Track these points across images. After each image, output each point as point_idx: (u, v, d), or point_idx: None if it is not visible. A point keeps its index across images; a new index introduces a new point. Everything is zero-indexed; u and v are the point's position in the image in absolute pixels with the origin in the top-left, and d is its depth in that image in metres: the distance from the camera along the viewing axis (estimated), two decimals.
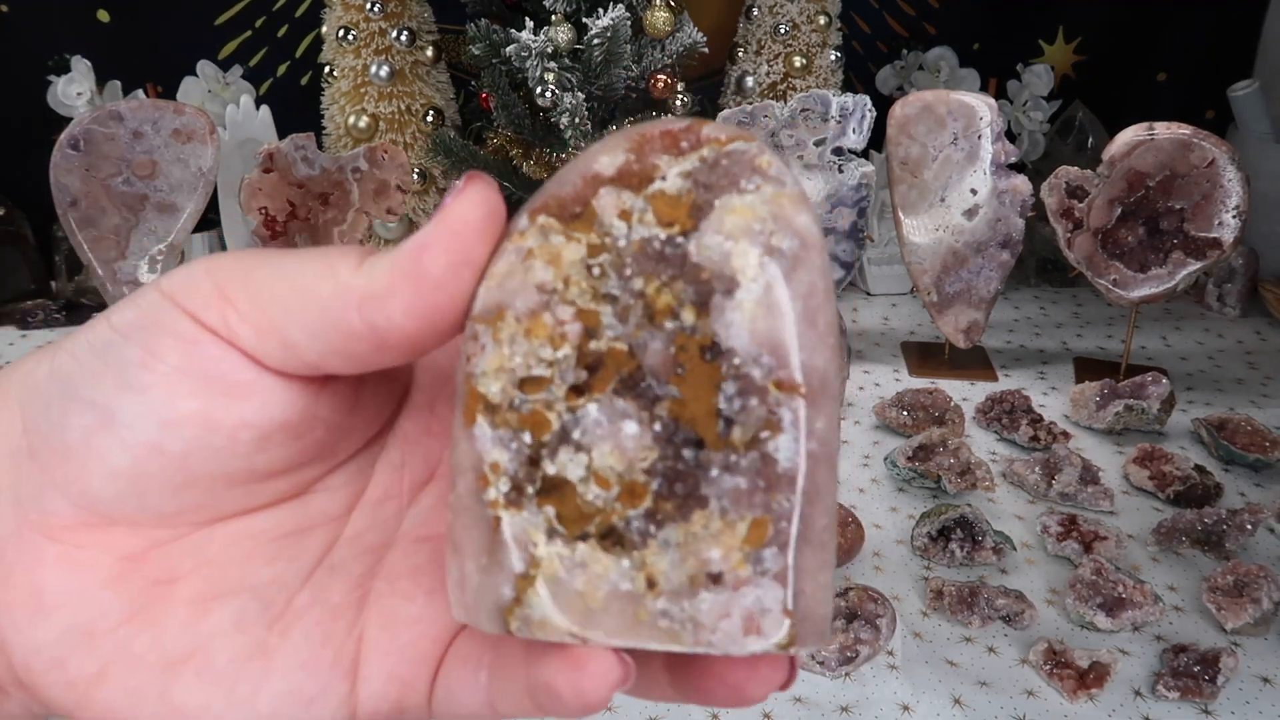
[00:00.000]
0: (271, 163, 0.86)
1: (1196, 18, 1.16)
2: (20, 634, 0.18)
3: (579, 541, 0.17)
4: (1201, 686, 0.55)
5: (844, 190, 0.90)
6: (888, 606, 0.60)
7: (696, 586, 0.17)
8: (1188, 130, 0.81)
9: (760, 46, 1.03)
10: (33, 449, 0.18)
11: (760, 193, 0.18)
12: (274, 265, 0.18)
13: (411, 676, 0.20)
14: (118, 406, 0.17)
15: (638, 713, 0.55)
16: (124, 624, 0.18)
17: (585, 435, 0.18)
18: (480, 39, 0.92)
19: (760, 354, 0.17)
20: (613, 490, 0.18)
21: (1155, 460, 0.76)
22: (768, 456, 0.17)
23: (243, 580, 0.19)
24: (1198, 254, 0.83)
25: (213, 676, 0.18)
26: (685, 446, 0.17)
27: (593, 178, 0.18)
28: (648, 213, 0.18)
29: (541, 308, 0.18)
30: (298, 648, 0.19)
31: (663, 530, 0.17)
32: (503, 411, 0.18)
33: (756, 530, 0.17)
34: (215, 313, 0.17)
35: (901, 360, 0.98)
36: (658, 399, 0.18)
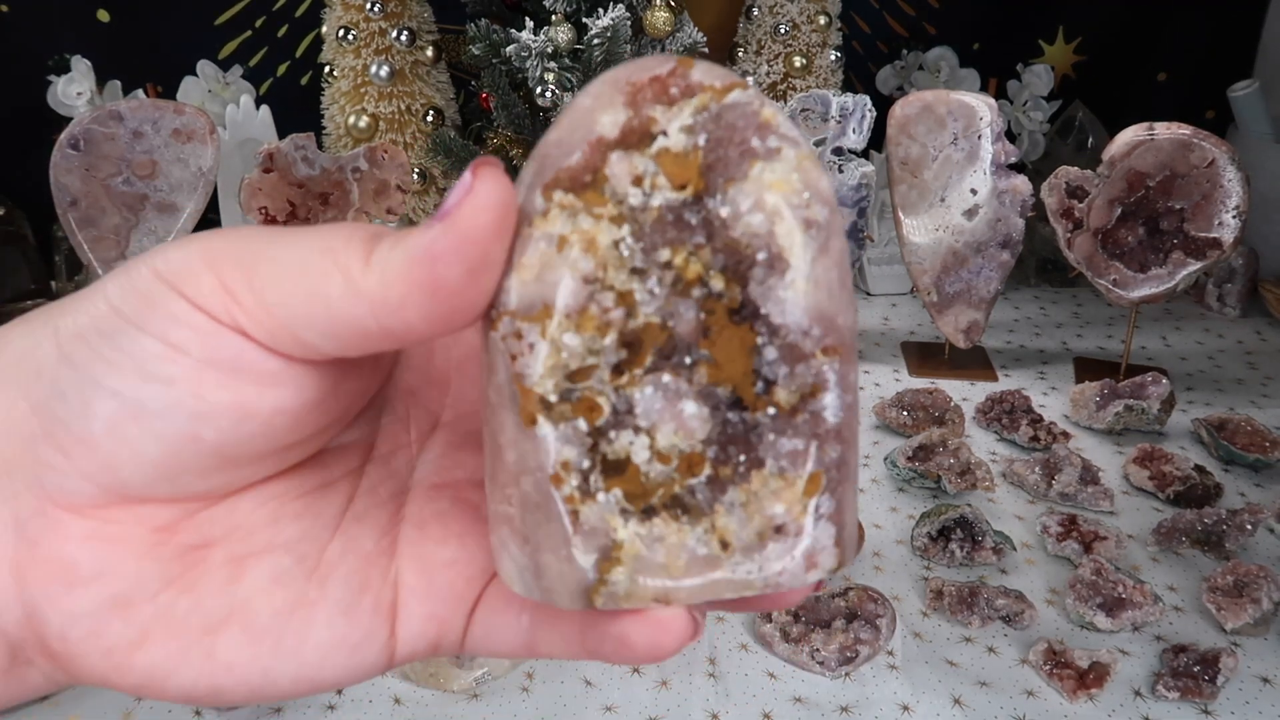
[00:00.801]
0: (271, 163, 0.86)
1: (1196, 18, 1.16)
2: (54, 605, 0.18)
3: (652, 517, 0.18)
4: (1201, 687, 0.55)
5: (844, 190, 0.90)
6: (888, 606, 0.60)
7: (765, 540, 0.18)
8: (1188, 130, 0.81)
9: (760, 46, 1.03)
10: (49, 434, 0.18)
11: (784, 158, 0.18)
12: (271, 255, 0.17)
13: (449, 615, 0.21)
14: (145, 397, 0.17)
15: (637, 713, 0.55)
16: (163, 591, 0.19)
17: (644, 417, 0.18)
18: (480, 39, 0.92)
19: (811, 327, 0.18)
20: (672, 464, 0.18)
21: (1155, 460, 0.76)
22: (817, 415, 0.18)
23: (273, 539, 0.20)
24: (1198, 254, 0.83)
25: (257, 631, 0.19)
26: (729, 409, 0.18)
27: (598, 141, 0.18)
28: (659, 175, 0.18)
29: (588, 299, 0.18)
30: (337, 596, 0.20)
31: (726, 494, 0.18)
32: (558, 406, 0.18)
33: (813, 483, 0.18)
34: (221, 308, 0.17)
35: (901, 360, 0.98)
36: (694, 364, 0.18)
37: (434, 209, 1.12)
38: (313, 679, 0.20)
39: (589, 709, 0.55)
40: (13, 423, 0.18)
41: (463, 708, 0.55)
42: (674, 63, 0.18)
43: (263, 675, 0.19)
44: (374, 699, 0.56)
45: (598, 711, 0.55)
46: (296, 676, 0.19)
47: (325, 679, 0.20)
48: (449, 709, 0.55)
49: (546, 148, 0.18)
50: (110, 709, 0.55)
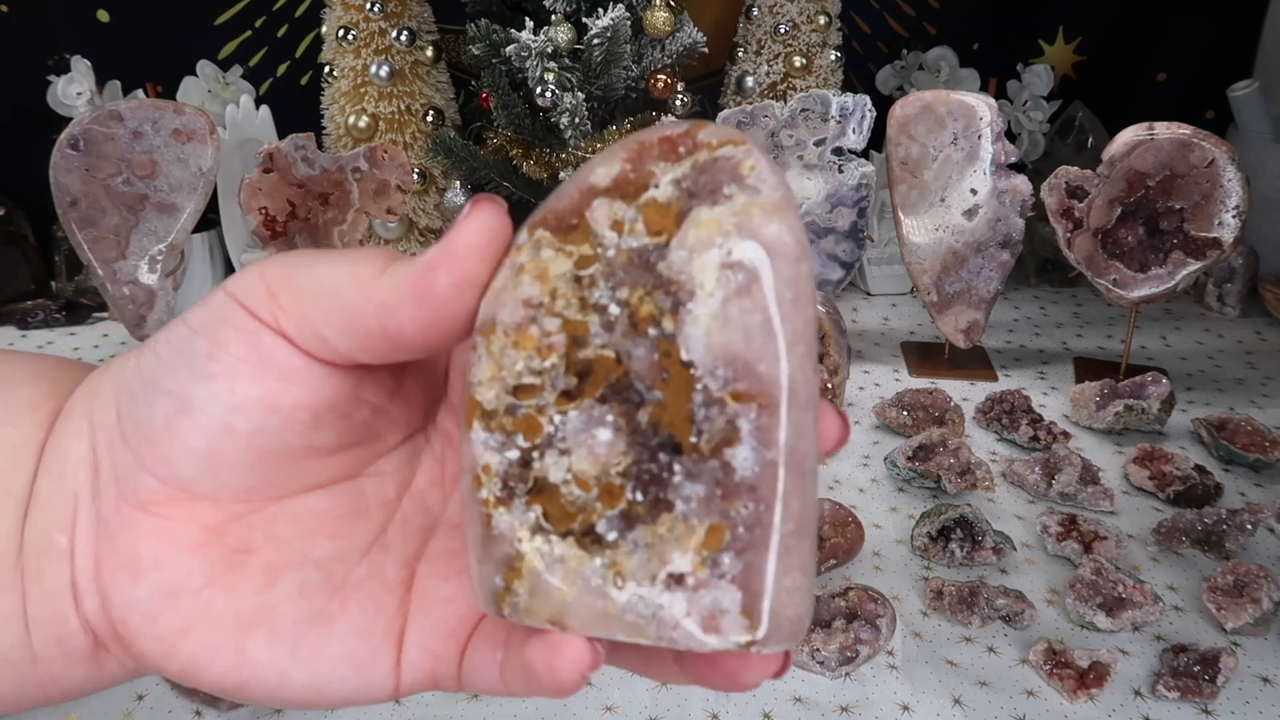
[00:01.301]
0: (271, 163, 0.86)
1: (1196, 18, 1.16)
2: (121, 592, 0.20)
3: (562, 539, 0.19)
4: (1201, 686, 0.55)
5: (844, 190, 0.90)
6: (888, 606, 0.60)
7: (659, 585, 0.18)
8: (1188, 130, 0.81)
9: (760, 46, 1.03)
10: (125, 435, 0.20)
11: (731, 203, 0.18)
12: (311, 266, 0.20)
13: (442, 650, 0.22)
14: (192, 394, 0.20)
15: (637, 713, 0.55)
16: (206, 586, 0.21)
17: (567, 440, 0.19)
18: (480, 39, 0.92)
19: (716, 366, 0.18)
20: (592, 492, 0.19)
21: (1155, 460, 0.76)
22: (727, 465, 0.18)
23: (306, 553, 0.22)
24: (1197, 254, 0.83)
25: (280, 636, 0.21)
26: (661, 450, 0.18)
27: (588, 189, 0.19)
28: (638, 222, 0.18)
29: (528, 321, 0.19)
30: (354, 617, 0.21)
31: (633, 531, 0.18)
32: (497, 417, 0.19)
33: (714, 535, 0.18)
34: (266, 308, 0.20)
35: (901, 360, 0.98)
36: (643, 403, 0.18)
37: (434, 209, 1.11)
38: (322, 690, 0.21)
39: (589, 709, 0.55)
40: (106, 427, 0.21)
41: (463, 708, 0.55)
42: (687, 126, 0.19)
43: (279, 679, 0.21)
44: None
45: (598, 711, 0.55)
46: (308, 684, 0.21)
47: (333, 693, 0.21)
48: (449, 709, 0.55)
49: (550, 198, 0.20)
50: (111, 709, 0.55)
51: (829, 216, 0.91)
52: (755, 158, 0.18)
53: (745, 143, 0.18)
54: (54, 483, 0.21)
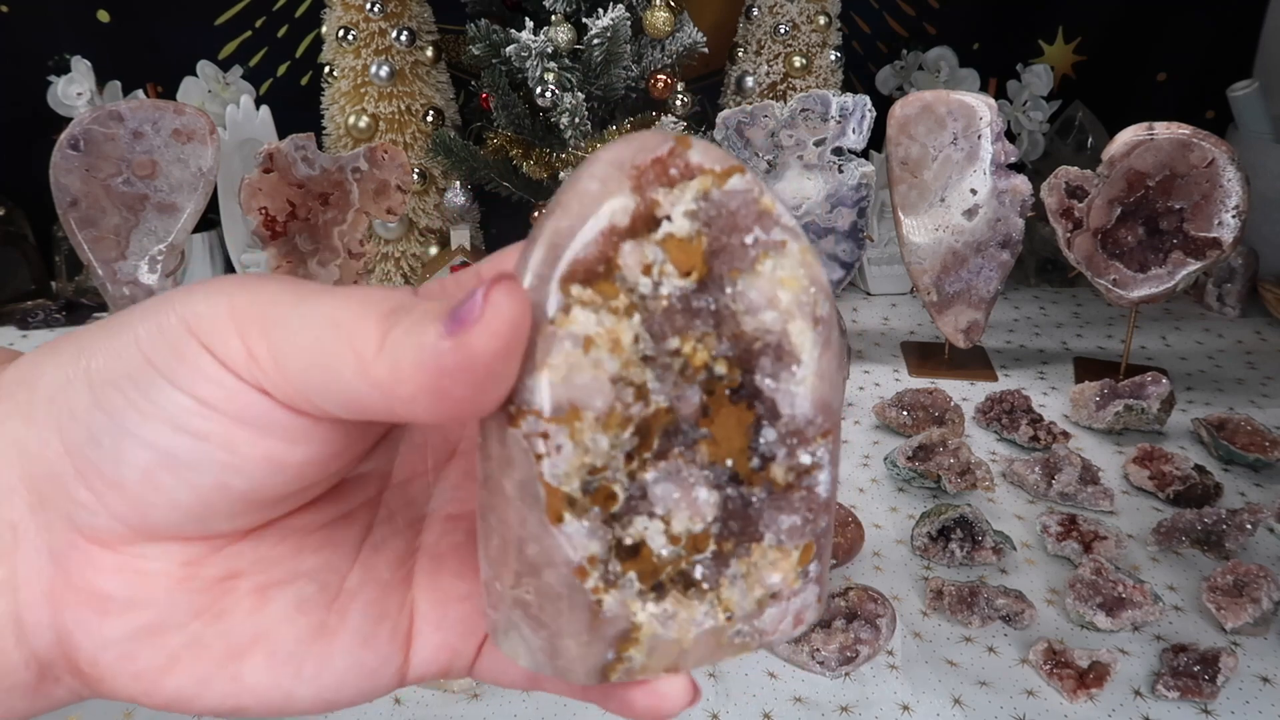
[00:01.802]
0: (271, 163, 0.86)
1: (1196, 18, 1.16)
2: (87, 633, 0.19)
3: (663, 595, 0.19)
4: (1201, 686, 0.55)
5: (844, 190, 0.90)
6: (888, 606, 0.60)
7: (763, 607, 0.20)
8: (1187, 130, 0.81)
9: (760, 46, 1.03)
10: (81, 474, 0.18)
11: (790, 254, 0.19)
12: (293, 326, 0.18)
13: (460, 645, 0.22)
14: (178, 449, 0.18)
15: None
16: (192, 620, 0.19)
17: (659, 504, 0.19)
18: (480, 39, 0.92)
19: (816, 416, 0.19)
20: (681, 544, 0.19)
21: (1155, 460, 0.76)
22: (812, 491, 0.20)
23: (296, 569, 0.20)
24: (1197, 254, 0.83)
25: (281, 658, 0.20)
26: (728, 485, 0.19)
27: (609, 231, 0.18)
28: (666, 263, 0.18)
29: (614, 399, 0.18)
30: (357, 626, 0.21)
31: (729, 567, 0.19)
32: (581, 502, 0.18)
33: (807, 552, 0.20)
34: (246, 370, 0.18)
35: (901, 360, 0.98)
36: (695, 443, 0.19)
37: (434, 209, 1.11)
38: (331, 700, 0.21)
39: (589, 709, 0.55)
40: (47, 460, 0.18)
41: (463, 708, 0.55)
42: (672, 143, 0.18)
43: (284, 699, 0.20)
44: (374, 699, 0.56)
45: (598, 711, 0.55)
46: (316, 698, 0.20)
47: (342, 700, 0.21)
48: (449, 709, 0.55)
49: (556, 235, 0.18)
50: (111, 709, 0.55)
51: (829, 216, 0.91)
52: (767, 191, 0.19)
53: (745, 169, 0.18)
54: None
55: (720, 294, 0.18)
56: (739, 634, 0.20)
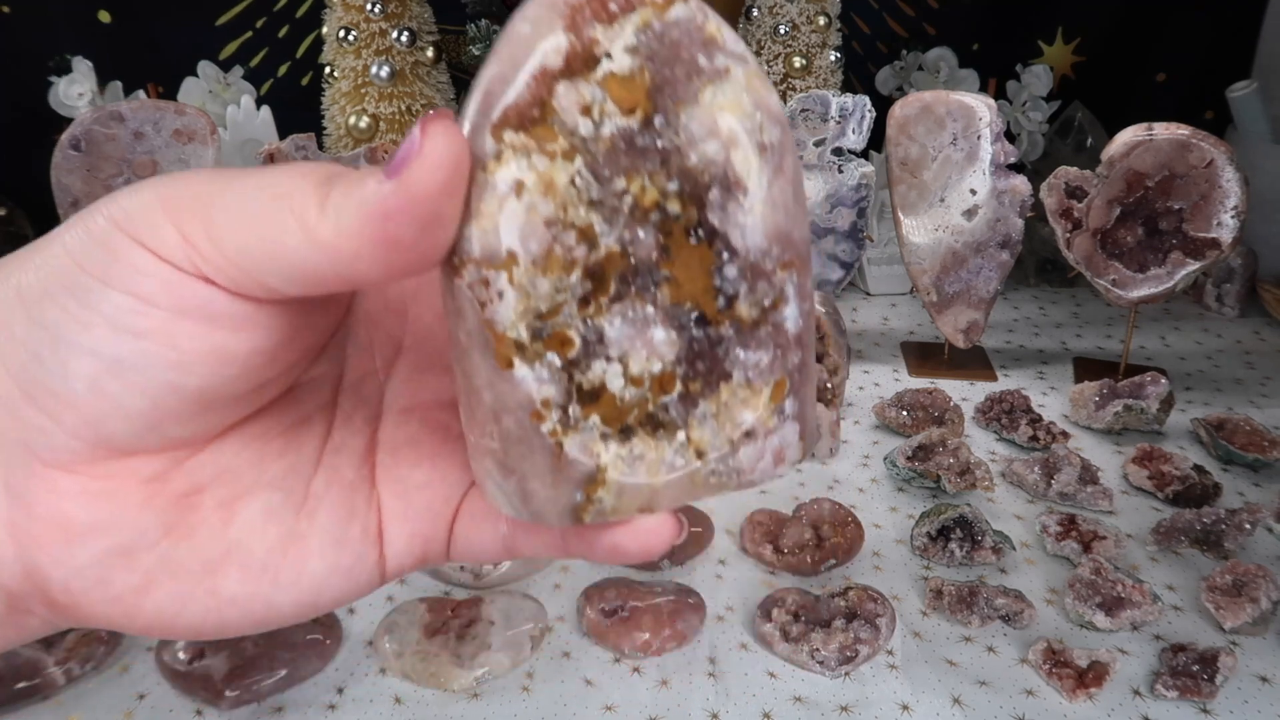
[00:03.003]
0: (272, 163, 0.86)
1: (1196, 18, 1.16)
2: (55, 561, 0.18)
3: (630, 437, 0.19)
4: (1200, 686, 0.55)
5: (844, 190, 0.91)
6: (887, 606, 0.60)
7: (736, 446, 0.20)
8: (1186, 131, 0.81)
9: (760, 47, 1.03)
10: (30, 396, 0.18)
11: (734, 79, 0.18)
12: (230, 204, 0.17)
13: (430, 531, 0.22)
14: (122, 353, 0.17)
15: (637, 713, 0.55)
16: (163, 539, 0.19)
17: (615, 346, 0.18)
18: (480, 39, 0.92)
19: (770, 247, 0.19)
20: (645, 385, 0.19)
21: (1154, 460, 0.77)
22: (780, 326, 0.19)
23: (259, 478, 0.21)
24: (1196, 254, 0.83)
25: (256, 568, 0.20)
26: (694, 326, 0.19)
27: (542, 74, 0.17)
28: (606, 102, 0.17)
29: (552, 242, 0.18)
30: (326, 528, 0.21)
31: (698, 407, 0.19)
32: (532, 345, 0.18)
33: (778, 389, 0.20)
34: (184, 258, 0.17)
35: (901, 360, 0.98)
36: (655, 285, 0.18)
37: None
38: (313, 603, 0.21)
39: (589, 709, 0.55)
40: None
41: (463, 708, 0.55)
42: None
43: (265, 607, 0.20)
44: (374, 699, 0.56)
45: (598, 711, 0.55)
46: (297, 602, 0.20)
47: (324, 602, 0.21)
48: (449, 709, 0.55)
49: (489, 82, 0.17)
50: (111, 709, 0.55)
51: (829, 216, 0.91)
52: (713, 18, 0.18)
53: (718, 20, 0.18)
54: None
55: (665, 129, 0.18)
56: (714, 473, 0.20)
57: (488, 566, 0.64)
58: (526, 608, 0.61)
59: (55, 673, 0.55)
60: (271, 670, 0.56)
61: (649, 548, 0.20)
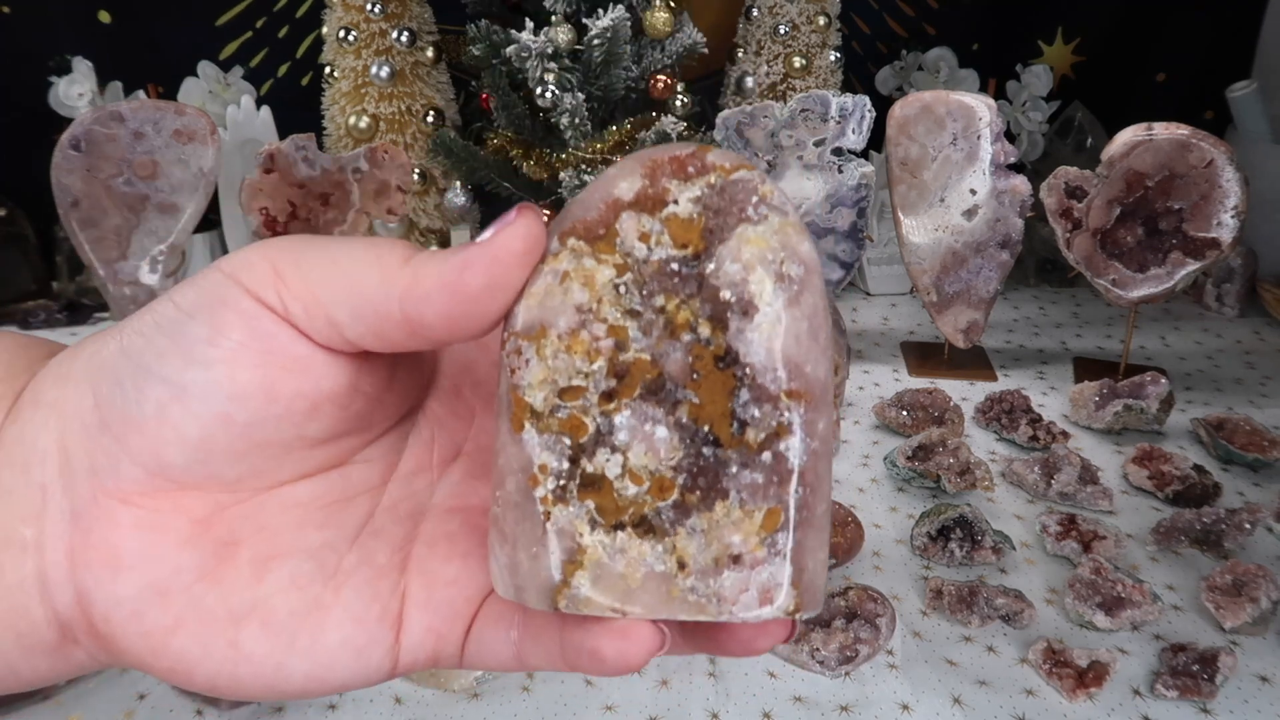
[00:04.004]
0: (272, 163, 0.86)
1: (1196, 18, 1.16)
2: (101, 589, 0.19)
3: (617, 530, 0.20)
4: (1200, 685, 0.55)
5: (844, 190, 0.91)
6: (887, 606, 0.60)
7: (720, 567, 0.20)
8: (1186, 130, 0.81)
9: (760, 47, 1.03)
10: (105, 422, 0.19)
11: (769, 222, 0.20)
12: (324, 250, 0.20)
13: (447, 630, 0.22)
14: (188, 380, 0.19)
15: (637, 713, 0.55)
16: (196, 581, 0.20)
17: (620, 438, 0.20)
18: (480, 40, 0.92)
19: (775, 368, 0.20)
20: (644, 485, 0.20)
21: (1154, 460, 0.77)
22: (780, 455, 0.20)
23: (296, 543, 0.22)
24: (1196, 254, 0.83)
25: (275, 628, 0.21)
26: (705, 445, 0.20)
27: (614, 202, 0.20)
28: (664, 234, 0.20)
29: (580, 326, 0.20)
30: (349, 604, 0.21)
31: (689, 519, 0.20)
32: (546, 418, 0.20)
33: (771, 518, 0.20)
34: (271, 290, 0.19)
35: (901, 360, 0.98)
36: (678, 403, 0.20)
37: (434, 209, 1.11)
38: (322, 679, 0.21)
39: (589, 709, 0.55)
40: (80, 416, 0.20)
41: (463, 708, 0.55)
42: (694, 148, 0.20)
43: (276, 670, 0.21)
44: (374, 699, 0.56)
45: (598, 711, 0.55)
46: (308, 674, 0.21)
47: (334, 680, 0.21)
48: (449, 709, 0.55)
49: (571, 205, 0.21)
50: (112, 709, 0.55)
51: (829, 216, 0.91)
52: (769, 182, 0.20)
53: (756, 168, 0.20)
54: (17, 474, 0.20)
55: (705, 260, 0.20)
56: (694, 590, 0.20)
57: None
58: None
59: None
60: None
61: (626, 655, 0.20)
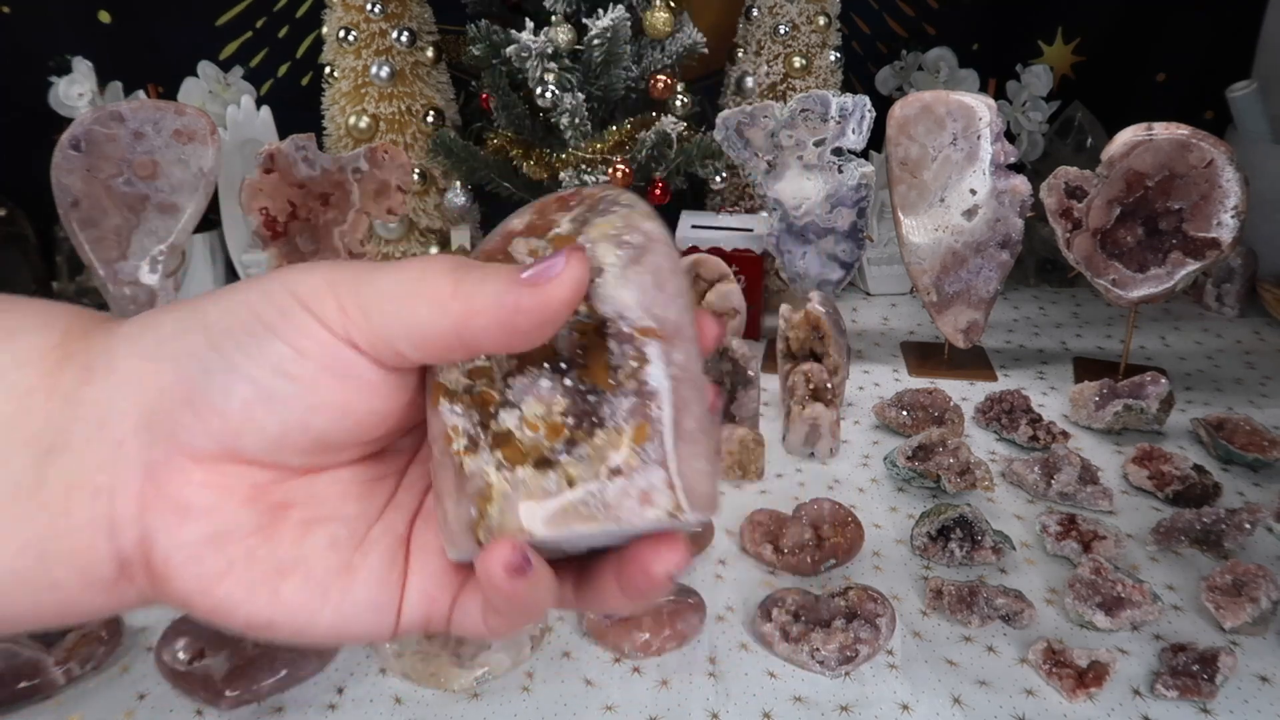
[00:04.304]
0: (272, 163, 0.86)
1: (1196, 18, 1.16)
2: (167, 533, 0.23)
3: (518, 468, 0.24)
4: (1200, 685, 0.55)
5: (844, 190, 0.91)
6: (887, 606, 0.60)
7: (604, 480, 0.23)
8: (1186, 130, 0.81)
9: (760, 47, 1.03)
10: (189, 400, 0.22)
11: (616, 213, 0.25)
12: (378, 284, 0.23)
13: (437, 596, 0.25)
14: (275, 388, 0.23)
15: (637, 713, 0.55)
16: (251, 535, 0.23)
17: (516, 397, 0.24)
18: (481, 40, 0.92)
19: (624, 313, 0.24)
20: (540, 431, 0.24)
21: (1154, 460, 0.77)
22: (642, 381, 0.24)
23: (336, 512, 0.25)
24: (1196, 254, 0.83)
25: (313, 583, 0.24)
26: (590, 394, 0.24)
27: (508, 233, 0.26)
28: (549, 249, 0.25)
29: None
30: (373, 567, 0.25)
31: (577, 449, 0.24)
32: (460, 395, 0.25)
33: (640, 431, 0.23)
34: (337, 322, 0.23)
35: (901, 360, 0.98)
36: (570, 369, 0.24)
37: (434, 209, 1.11)
38: (342, 630, 0.24)
39: (589, 709, 0.55)
40: (160, 389, 0.23)
41: (463, 708, 0.55)
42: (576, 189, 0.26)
43: (309, 619, 0.24)
44: (374, 699, 0.56)
45: (598, 711, 0.55)
46: (331, 625, 0.24)
47: (352, 632, 0.25)
48: (449, 709, 0.55)
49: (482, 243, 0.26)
50: (112, 708, 0.55)
51: (829, 216, 0.91)
52: (628, 193, 0.25)
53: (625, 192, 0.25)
54: (94, 429, 0.22)
55: None
56: (584, 503, 0.23)
57: None
58: None
59: (56, 673, 0.55)
60: (271, 670, 0.56)
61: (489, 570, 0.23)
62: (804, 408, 0.80)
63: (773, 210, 0.92)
